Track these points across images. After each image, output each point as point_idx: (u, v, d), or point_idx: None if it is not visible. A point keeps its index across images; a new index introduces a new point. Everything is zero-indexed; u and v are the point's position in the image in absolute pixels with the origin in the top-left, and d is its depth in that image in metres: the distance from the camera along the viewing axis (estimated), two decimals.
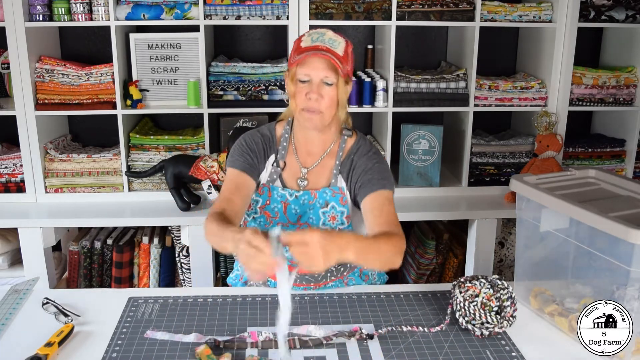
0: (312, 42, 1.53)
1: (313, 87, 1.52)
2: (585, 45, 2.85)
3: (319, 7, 2.47)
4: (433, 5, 2.51)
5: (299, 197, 1.64)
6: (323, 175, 1.66)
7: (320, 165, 1.67)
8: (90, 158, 2.59)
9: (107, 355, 1.34)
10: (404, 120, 2.70)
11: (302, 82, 1.54)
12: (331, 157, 1.67)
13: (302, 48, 1.53)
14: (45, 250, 2.41)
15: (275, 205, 1.64)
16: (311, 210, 1.64)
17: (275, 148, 1.68)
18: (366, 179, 1.60)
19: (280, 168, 1.66)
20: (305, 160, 1.67)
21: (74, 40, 2.79)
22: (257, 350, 1.36)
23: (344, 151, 1.67)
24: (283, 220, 1.64)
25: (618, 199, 1.55)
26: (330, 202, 1.63)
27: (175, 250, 2.63)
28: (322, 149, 1.67)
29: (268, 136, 1.69)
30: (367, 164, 1.63)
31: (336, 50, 1.53)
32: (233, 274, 1.87)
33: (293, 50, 1.57)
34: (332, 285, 1.71)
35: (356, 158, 1.65)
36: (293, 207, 1.64)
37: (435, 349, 1.37)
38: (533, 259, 1.65)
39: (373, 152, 1.67)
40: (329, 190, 1.64)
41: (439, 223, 2.88)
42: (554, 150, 2.58)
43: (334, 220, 1.64)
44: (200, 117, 2.70)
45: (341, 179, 1.65)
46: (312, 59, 1.51)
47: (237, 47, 2.89)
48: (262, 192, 1.65)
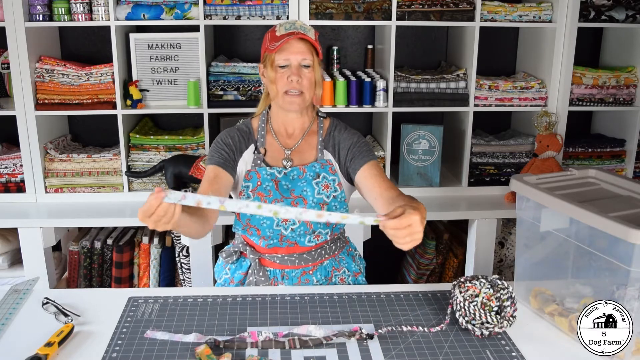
0: (285, 30, 1.64)
1: (293, 69, 1.64)
2: (585, 45, 2.85)
3: (319, 7, 2.47)
4: (433, 5, 2.51)
5: (287, 174, 1.71)
6: (308, 152, 1.74)
7: (303, 143, 1.75)
8: (90, 158, 2.59)
9: (107, 355, 1.34)
10: (404, 120, 2.70)
11: (282, 67, 1.64)
12: (312, 135, 1.76)
13: (278, 36, 1.63)
14: (45, 250, 2.41)
15: (266, 184, 1.70)
16: (304, 183, 1.70)
17: (253, 139, 1.76)
18: (356, 151, 1.71)
19: (261, 154, 1.73)
20: (286, 142, 1.75)
21: (74, 40, 2.79)
22: (257, 350, 1.36)
23: (324, 129, 1.77)
24: (277, 197, 1.69)
25: (618, 199, 1.55)
26: (321, 173, 1.71)
27: (175, 250, 2.63)
28: (301, 130, 1.76)
29: (244, 130, 1.77)
30: (352, 138, 1.74)
31: (309, 34, 1.65)
32: (221, 279, 1.86)
33: (268, 40, 1.67)
34: (327, 263, 1.78)
35: (336, 134, 1.76)
36: (284, 183, 1.70)
37: (435, 349, 1.37)
38: (533, 259, 1.65)
39: (349, 129, 1.78)
40: (317, 163, 1.72)
41: (439, 223, 2.88)
42: (554, 150, 2.58)
43: (328, 188, 1.71)
44: (200, 117, 2.70)
45: (327, 153, 1.75)
46: (291, 43, 1.62)
47: (237, 47, 2.89)
48: (250, 177, 1.71)
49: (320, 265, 1.77)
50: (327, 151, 1.75)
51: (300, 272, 1.76)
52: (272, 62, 1.65)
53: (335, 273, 1.81)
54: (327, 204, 1.70)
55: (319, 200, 1.69)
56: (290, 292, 1.63)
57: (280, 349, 1.37)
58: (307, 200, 1.69)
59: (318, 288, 1.68)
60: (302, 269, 1.75)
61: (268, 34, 1.69)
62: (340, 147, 1.74)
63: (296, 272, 1.75)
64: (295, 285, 1.75)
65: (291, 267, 1.74)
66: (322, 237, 1.74)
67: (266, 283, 1.75)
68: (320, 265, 1.77)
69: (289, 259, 1.74)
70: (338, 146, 1.74)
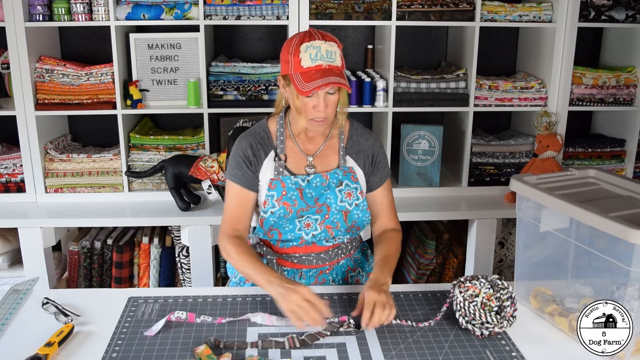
0: (312, 61, 1.54)
1: (320, 101, 1.57)
2: (585, 45, 2.85)
3: (319, 7, 2.47)
4: (433, 5, 2.51)
5: (310, 181, 1.68)
6: (330, 157, 1.72)
7: (325, 149, 1.73)
8: (90, 158, 2.59)
9: (107, 355, 1.34)
10: (404, 120, 2.70)
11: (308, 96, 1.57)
12: (333, 139, 1.74)
13: (305, 70, 1.54)
14: (45, 250, 2.41)
15: (291, 193, 1.67)
16: (327, 190, 1.68)
17: (272, 144, 1.71)
18: (378, 163, 1.75)
19: (283, 161, 1.69)
20: (307, 148, 1.72)
21: (74, 40, 2.79)
22: (257, 350, 1.36)
23: (345, 134, 1.74)
24: (302, 206, 1.67)
25: (618, 199, 1.55)
26: (344, 181, 1.70)
27: (175, 250, 2.63)
28: (323, 135, 1.73)
29: (262, 135, 1.71)
30: (374, 146, 1.76)
31: (335, 62, 1.56)
32: (236, 277, 1.85)
33: (292, 66, 1.56)
34: (343, 262, 1.79)
35: (358, 138, 1.75)
36: (308, 191, 1.68)
37: (435, 349, 1.37)
38: (533, 259, 1.65)
39: (370, 133, 1.79)
40: (340, 170, 1.70)
41: (439, 223, 2.88)
42: (554, 150, 2.58)
43: (350, 196, 1.69)
44: (200, 117, 2.70)
45: (350, 159, 1.73)
46: (321, 89, 1.53)
47: (237, 47, 2.89)
48: (274, 187, 1.67)
49: (336, 264, 1.77)
50: (349, 157, 1.72)
51: (317, 272, 1.75)
52: (296, 92, 1.57)
53: (350, 273, 1.80)
54: (350, 211, 1.68)
55: (341, 208, 1.67)
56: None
57: (281, 349, 1.37)
58: (330, 207, 1.67)
59: (318, 288, 1.67)
60: (319, 269, 1.74)
61: (290, 56, 1.56)
62: (365, 154, 1.73)
63: (313, 271, 1.74)
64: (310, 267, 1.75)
65: (308, 266, 1.73)
66: (341, 240, 1.74)
67: None
68: (336, 264, 1.77)
69: (306, 258, 1.72)
70: (363, 153, 1.73)
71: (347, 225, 1.69)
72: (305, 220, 1.67)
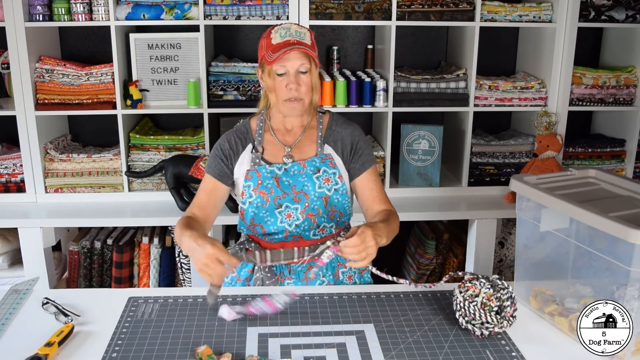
0: (281, 38, 1.64)
1: (291, 78, 1.64)
2: (585, 45, 2.85)
3: (319, 7, 2.47)
4: (433, 5, 2.51)
5: (288, 170, 1.72)
6: (308, 147, 1.76)
7: (302, 140, 1.76)
8: (90, 158, 2.59)
9: (107, 355, 1.34)
10: (404, 120, 2.70)
11: (279, 75, 1.65)
12: (312, 130, 1.78)
13: (274, 45, 1.63)
14: (45, 250, 2.41)
15: (267, 182, 1.71)
16: (304, 178, 1.71)
17: (251, 138, 1.77)
18: (359, 150, 1.76)
19: (260, 152, 1.74)
20: (285, 140, 1.77)
21: (74, 40, 2.79)
22: (257, 350, 1.36)
23: (323, 124, 1.79)
24: (278, 193, 1.70)
25: (618, 199, 1.55)
26: (322, 168, 1.72)
27: (175, 250, 2.63)
28: (300, 127, 1.78)
29: (243, 130, 1.79)
30: (353, 134, 1.77)
31: (304, 40, 1.64)
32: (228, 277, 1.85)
33: (264, 47, 1.66)
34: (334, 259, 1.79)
35: (338, 128, 1.78)
36: (285, 179, 1.71)
37: (435, 349, 1.37)
38: (533, 259, 1.65)
39: (350, 123, 1.81)
40: (317, 158, 1.73)
41: (439, 223, 2.88)
42: (554, 150, 2.58)
43: (328, 181, 1.72)
44: (200, 117, 2.70)
45: (327, 147, 1.76)
46: (287, 53, 1.61)
47: (237, 47, 2.89)
48: (250, 177, 1.71)
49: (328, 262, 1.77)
50: (327, 145, 1.76)
51: (307, 267, 1.76)
52: (269, 70, 1.66)
53: (341, 269, 1.80)
54: (329, 197, 1.71)
55: (320, 194, 1.70)
56: (289, 292, 1.63)
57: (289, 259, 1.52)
58: (308, 195, 1.70)
59: (318, 288, 1.68)
60: (308, 263, 1.75)
61: (263, 40, 1.68)
62: (343, 142, 1.76)
63: (302, 266, 1.75)
64: (298, 283, 1.75)
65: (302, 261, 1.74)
66: (328, 231, 1.75)
67: (272, 279, 1.74)
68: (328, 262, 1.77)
69: None
70: (341, 142, 1.76)
71: (327, 211, 1.72)
72: (285, 210, 1.69)
